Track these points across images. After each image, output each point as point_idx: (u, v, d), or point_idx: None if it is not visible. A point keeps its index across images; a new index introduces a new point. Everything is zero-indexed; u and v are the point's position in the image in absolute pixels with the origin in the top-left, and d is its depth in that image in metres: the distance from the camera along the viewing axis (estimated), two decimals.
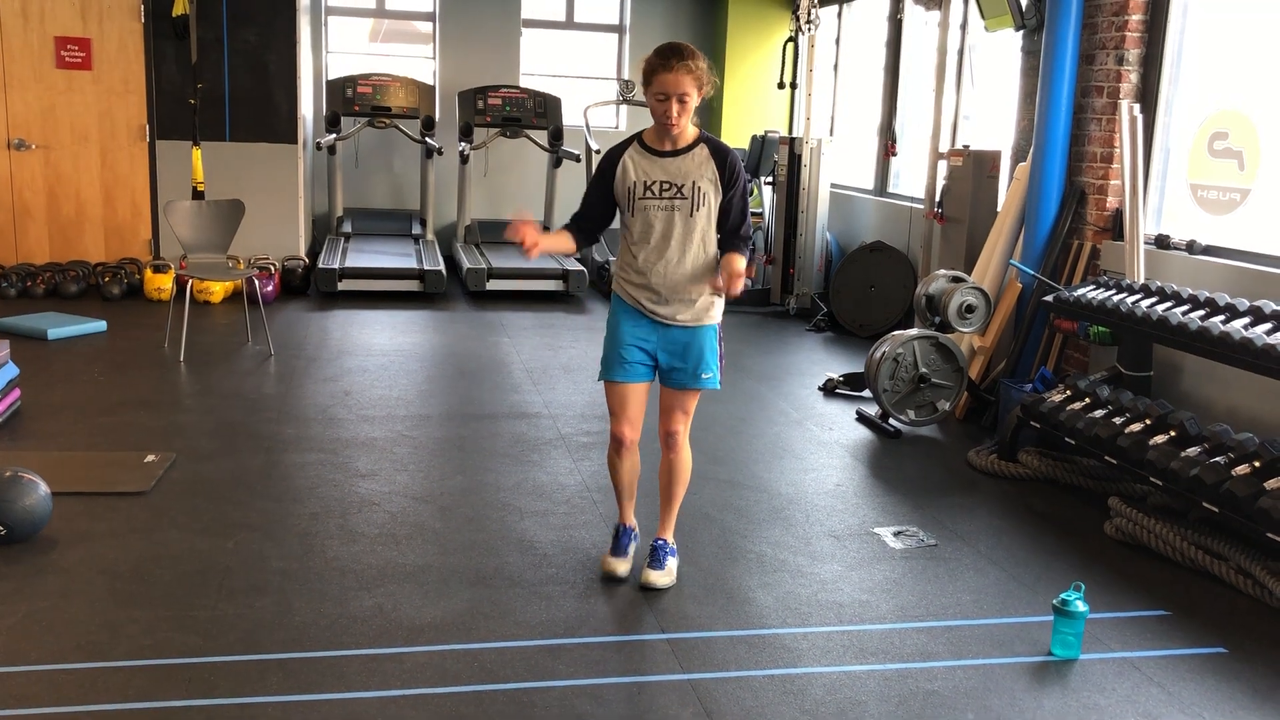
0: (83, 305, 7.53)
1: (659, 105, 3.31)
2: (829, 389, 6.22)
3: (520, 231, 3.40)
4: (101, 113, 8.15)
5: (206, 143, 8.14)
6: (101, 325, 6.85)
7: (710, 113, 10.54)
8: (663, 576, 3.55)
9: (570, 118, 9.69)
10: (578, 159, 9.26)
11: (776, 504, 4.38)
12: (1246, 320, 4.10)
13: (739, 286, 3.35)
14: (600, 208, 3.53)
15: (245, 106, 8.34)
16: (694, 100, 3.32)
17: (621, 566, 3.60)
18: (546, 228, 9.82)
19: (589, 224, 3.58)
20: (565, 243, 3.58)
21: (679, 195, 3.39)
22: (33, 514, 3.62)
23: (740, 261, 3.37)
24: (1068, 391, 4.74)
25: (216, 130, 8.30)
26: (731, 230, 3.46)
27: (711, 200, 3.41)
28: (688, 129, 3.39)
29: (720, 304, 3.56)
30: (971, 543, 4.07)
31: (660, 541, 3.62)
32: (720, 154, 3.42)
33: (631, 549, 3.68)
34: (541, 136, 9.57)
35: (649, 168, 3.41)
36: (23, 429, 4.90)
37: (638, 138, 3.46)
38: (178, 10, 7.96)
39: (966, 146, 6.60)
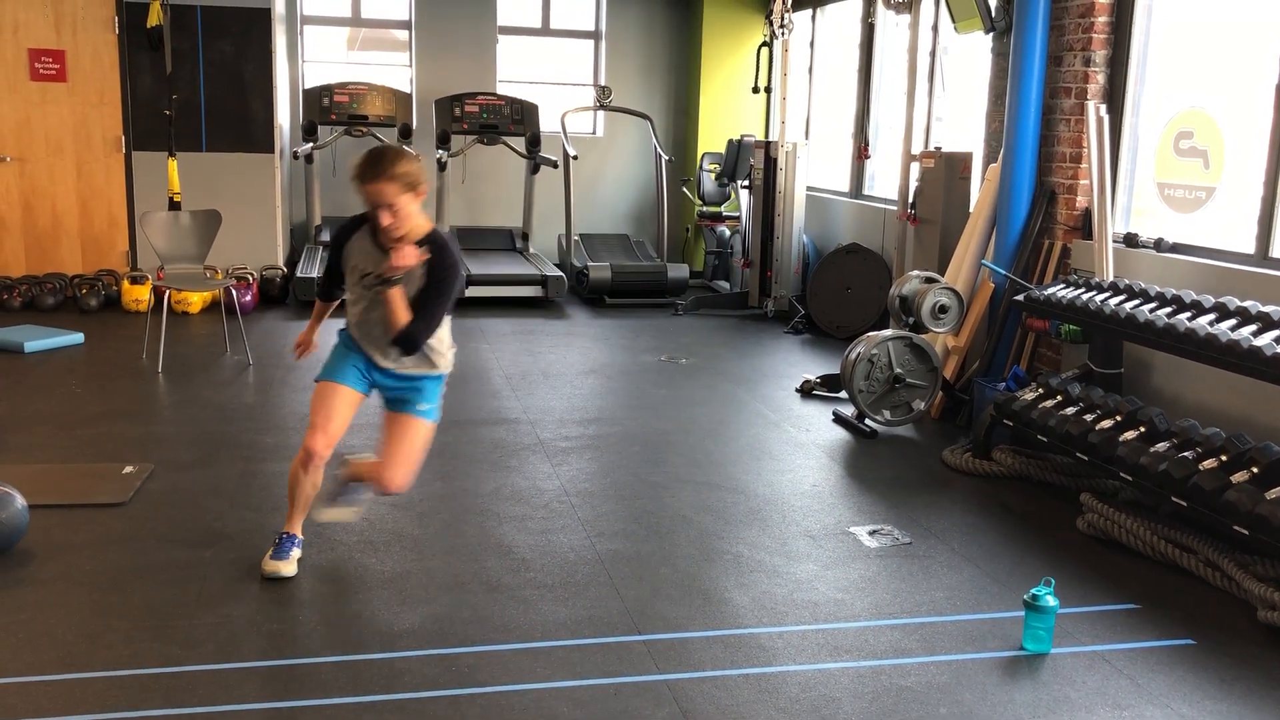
0: (60, 317, 7.51)
1: (373, 213, 3.40)
2: (806, 390, 6.27)
3: (300, 352, 3.87)
4: (77, 124, 8.13)
5: (183, 153, 8.13)
6: (79, 337, 6.83)
7: (687, 118, 10.60)
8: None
9: (547, 124, 9.72)
10: (555, 165, 9.29)
11: (753, 505, 4.41)
12: (1212, 317, 4.16)
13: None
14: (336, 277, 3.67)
15: (221, 117, 8.34)
16: (408, 202, 3.38)
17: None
18: (526, 236, 9.87)
19: (327, 289, 3.78)
20: (322, 314, 3.90)
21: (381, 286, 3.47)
22: (9, 526, 3.63)
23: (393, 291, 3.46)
24: (1040, 389, 4.80)
25: (193, 141, 8.29)
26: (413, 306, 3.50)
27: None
28: (415, 229, 3.45)
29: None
30: (946, 540, 4.12)
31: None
32: (440, 254, 3.48)
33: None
34: (519, 143, 9.59)
35: (372, 258, 3.49)
36: None
37: (367, 221, 3.49)
38: (152, 21, 7.96)
39: (938, 148, 6.67)
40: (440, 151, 9.29)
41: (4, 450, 4.79)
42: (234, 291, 7.07)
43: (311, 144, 9.03)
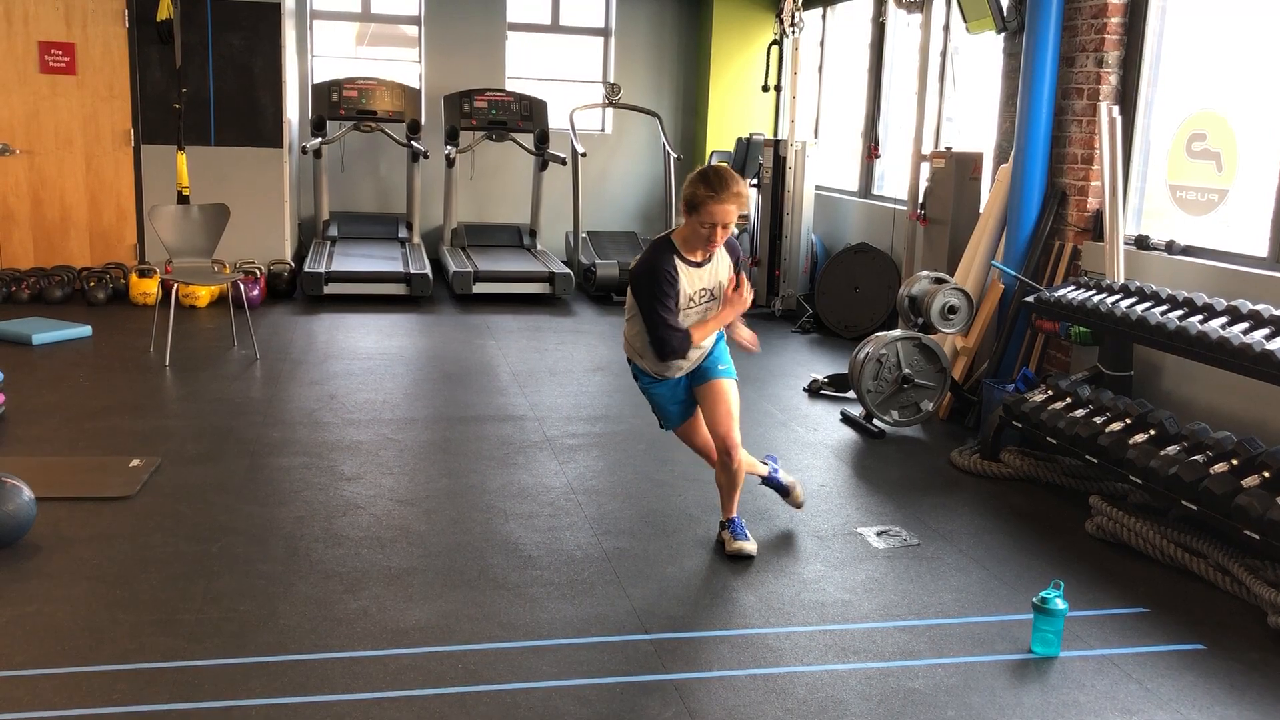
0: (68, 310, 7.52)
1: (704, 232, 3.56)
2: (814, 390, 6.25)
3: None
4: (86, 117, 8.13)
5: (191, 147, 8.13)
6: (86, 330, 6.84)
7: (696, 116, 10.58)
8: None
9: (556, 121, 9.71)
10: (564, 162, 9.28)
11: (761, 505, 4.40)
12: (1224, 320, 4.14)
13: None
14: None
15: (230, 111, 8.34)
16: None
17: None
18: (533, 232, 9.85)
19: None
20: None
21: (712, 299, 3.76)
22: (17, 519, 3.63)
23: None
24: (1049, 391, 4.78)
25: (201, 134, 8.29)
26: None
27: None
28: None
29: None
30: (954, 542, 4.10)
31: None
32: (729, 247, 3.79)
33: None
34: (527, 140, 9.59)
35: (698, 275, 3.71)
36: (7, 434, 4.89)
37: (672, 245, 3.68)
38: (162, 15, 7.96)
39: (949, 148, 6.65)
40: (448, 147, 9.29)
41: (12, 443, 4.79)
42: (241, 286, 7.07)
43: (320, 139, 9.03)
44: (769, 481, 4.24)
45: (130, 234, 8.37)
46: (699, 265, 3.68)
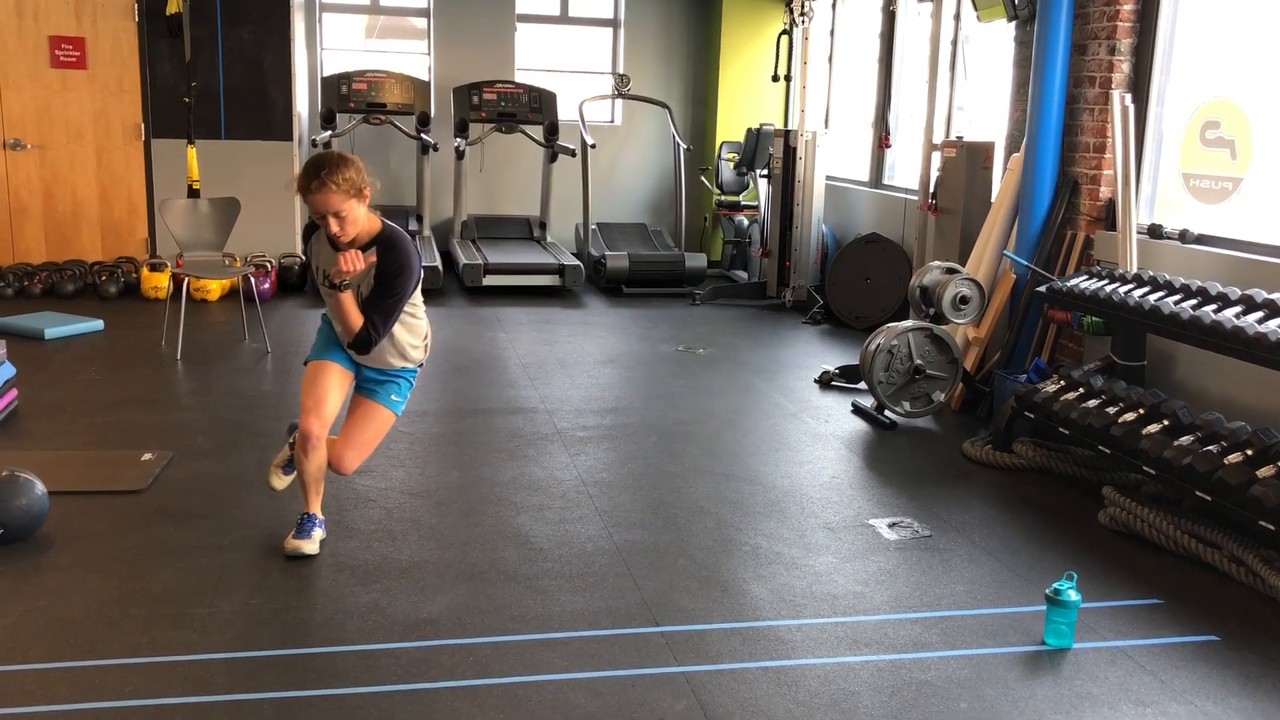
0: (79, 304, 7.54)
1: (320, 221, 3.44)
2: (825, 381, 6.24)
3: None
4: (97, 112, 8.15)
5: (202, 141, 8.14)
6: (98, 324, 6.86)
7: (705, 106, 10.55)
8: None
9: (566, 112, 9.69)
10: (573, 154, 9.26)
11: (772, 496, 4.39)
12: (1238, 309, 4.11)
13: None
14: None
15: (240, 104, 8.35)
16: (354, 208, 3.43)
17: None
18: (543, 224, 9.85)
19: None
20: None
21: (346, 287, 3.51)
22: (29, 513, 3.64)
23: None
24: (1061, 382, 4.75)
25: (212, 128, 8.30)
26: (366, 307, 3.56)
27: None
28: (365, 231, 3.52)
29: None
30: (966, 533, 4.09)
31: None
32: (387, 255, 3.52)
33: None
34: (537, 132, 9.57)
35: (330, 259, 3.53)
36: (20, 428, 4.91)
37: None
38: (171, 8, 7.96)
39: (960, 138, 6.61)
40: (458, 140, 9.28)
41: (24, 436, 4.81)
42: (252, 279, 7.08)
43: (330, 132, 9.03)
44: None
45: (141, 228, 8.39)
46: (338, 252, 3.49)
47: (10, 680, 2.83)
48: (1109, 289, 4.66)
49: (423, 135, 9.20)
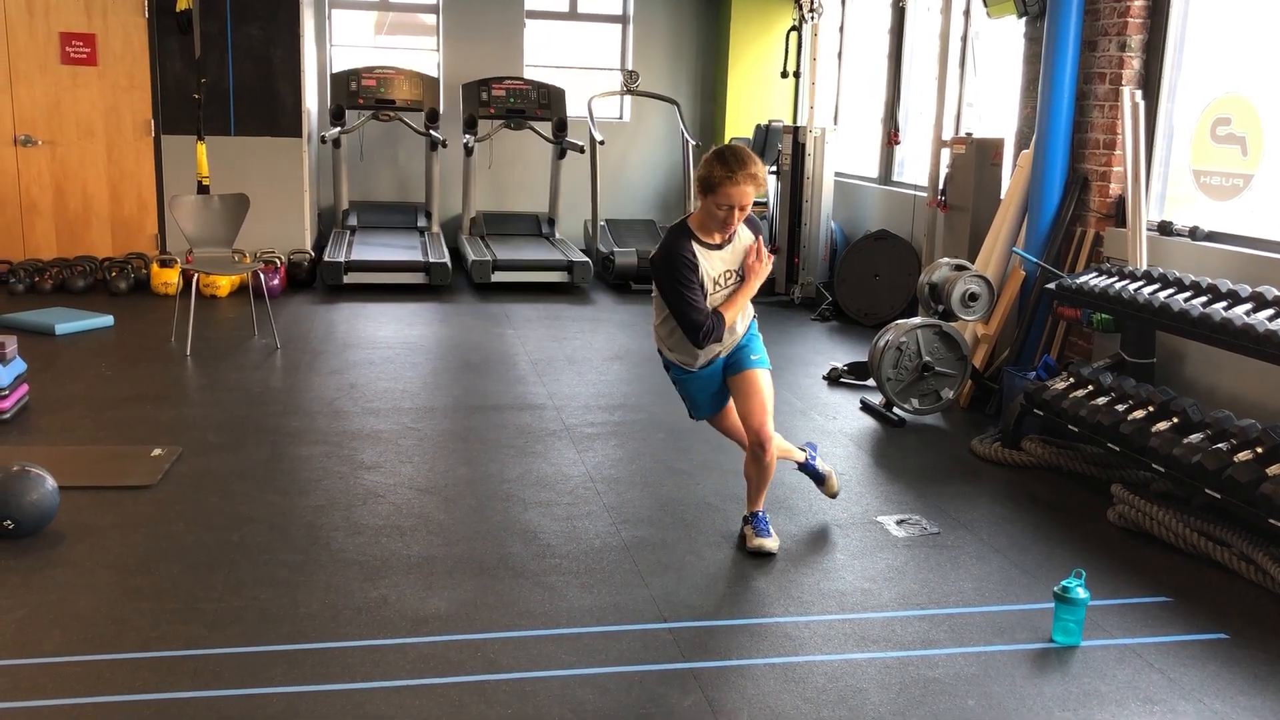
0: (90, 300, 7.57)
1: (720, 214, 3.49)
2: (833, 378, 6.23)
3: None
4: (107, 108, 8.17)
5: (211, 137, 8.16)
6: (109, 320, 6.88)
7: (714, 103, 10.54)
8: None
9: (574, 109, 9.69)
10: (582, 150, 9.26)
11: (780, 493, 4.39)
12: (1248, 306, 4.10)
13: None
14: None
15: (249, 100, 8.37)
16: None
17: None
18: (552, 221, 9.86)
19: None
20: None
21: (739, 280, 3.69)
22: (40, 508, 3.65)
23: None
24: (1071, 379, 4.74)
25: (221, 124, 8.32)
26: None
27: None
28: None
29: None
30: (974, 530, 4.08)
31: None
32: (756, 228, 3.72)
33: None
34: (545, 128, 9.57)
35: (720, 258, 3.64)
36: (31, 423, 4.93)
37: (688, 230, 3.62)
38: (181, 5, 7.98)
39: (969, 134, 6.59)
40: (467, 136, 9.29)
41: (35, 432, 4.83)
42: (262, 275, 7.10)
43: (339, 128, 9.05)
44: (805, 468, 4.18)
45: (151, 224, 8.41)
46: (718, 248, 3.61)
47: (22, 673, 2.85)
48: (1118, 286, 4.65)
49: (431, 131, 9.21)
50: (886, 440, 5.23)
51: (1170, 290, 4.46)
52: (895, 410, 5.49)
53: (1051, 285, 5.13)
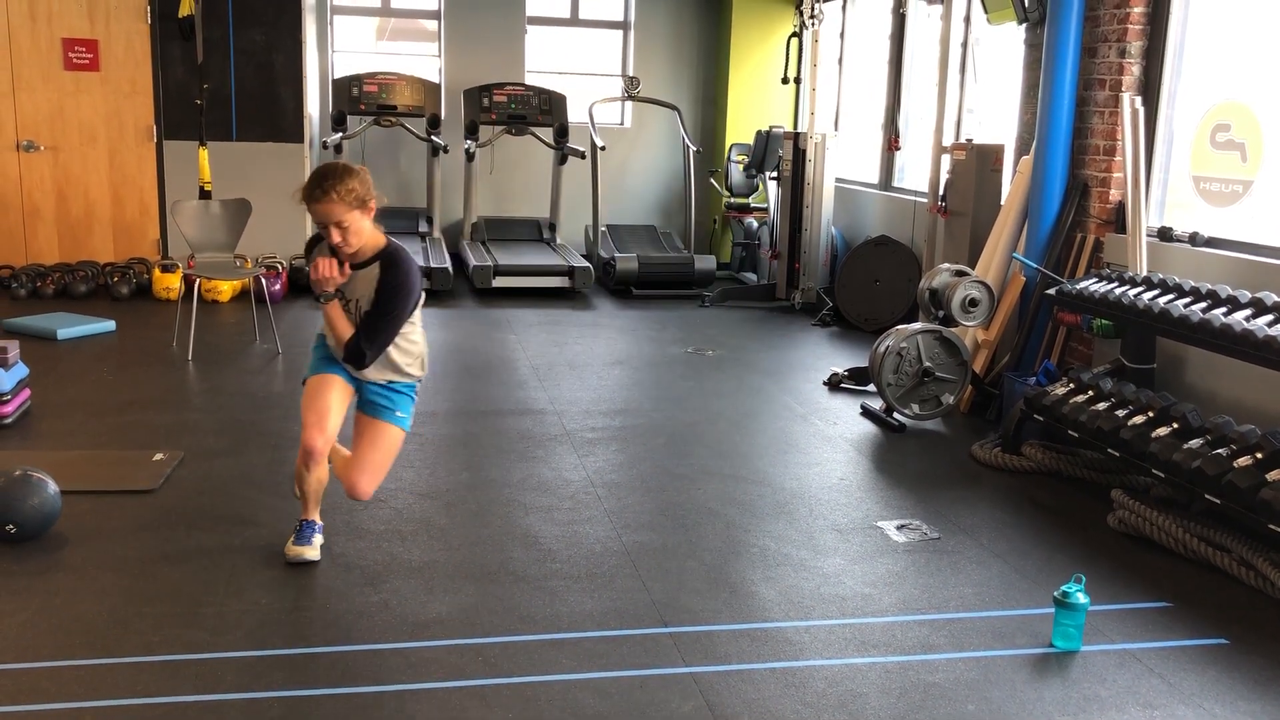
0: (92, 305, 7.58)
1: (324, 231, 3.43)
2: (834, 384, 6.24)
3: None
4: (109, 114, 8.19)
5: (213, 142, 8.18)
6: (110, 325, 6.89)
7: (715, 109, 10.56)
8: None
9: (576, 114, 9.70)
10: (583, 156, 9.27)
11: (780, 498, 4.40)
12: (1248, 312, 4.10)
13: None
14: None
15: (251, 106, 8.38)
16: (357, 220, 3.40)
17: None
18: (553, 226, 9.87)
19: None
20: None
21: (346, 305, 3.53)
22: (42, 512, 3.66)
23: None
24: (1071, 384, 4.75)
25: (223, 130, 8.34)
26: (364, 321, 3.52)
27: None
28: (368, 245, 3.48)
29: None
30: (974, 536, 4.09)
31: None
32: (388, 272, 3.48)
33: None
34: (547, 134, 9.59)
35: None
36: (33, 428, 4.94)
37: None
38: (184, 11, 8.00)
39: (970, 140, 6.61)
40: (468, 142, 9.31)
41: (37, 436, 4.84)
42: (263, 280, 7.10)
43: (341, 134, 9.06)
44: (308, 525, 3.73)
45: (153, 229, 8.43)
46: (356, 266, 3.50)
47: (23, 678, 2.85)
48: (1119, 291, 4.66)
49: (433, 137, 9.22)
50: (887, 445, 5.23)
51: (1170, 296, 4.47)
52: (896, 415, 5.50)
53: (1052, 291, 5.14)
